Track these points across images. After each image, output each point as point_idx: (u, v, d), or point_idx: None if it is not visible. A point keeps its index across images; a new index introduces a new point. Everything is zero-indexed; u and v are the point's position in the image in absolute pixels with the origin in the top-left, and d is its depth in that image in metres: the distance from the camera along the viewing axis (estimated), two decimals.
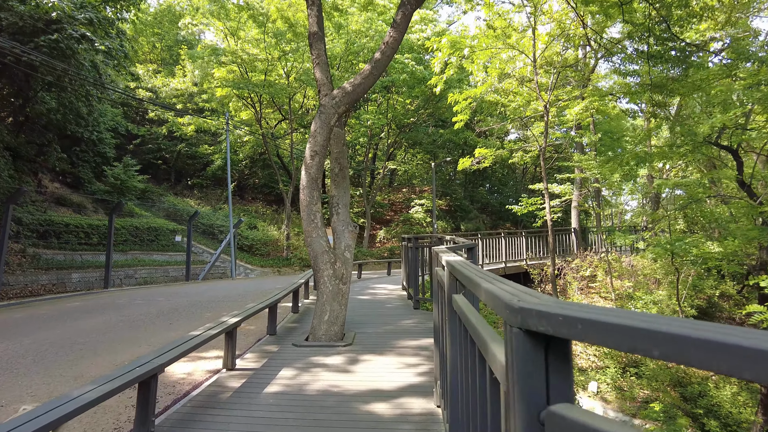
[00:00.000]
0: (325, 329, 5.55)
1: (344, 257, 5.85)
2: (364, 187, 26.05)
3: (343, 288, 5.72)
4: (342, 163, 6.41)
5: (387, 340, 5.64)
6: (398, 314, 7.30)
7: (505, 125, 17.57)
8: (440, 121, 27.97)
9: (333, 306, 5.61)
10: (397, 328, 6.27)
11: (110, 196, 17.94)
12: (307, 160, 5.77)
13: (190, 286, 13.94)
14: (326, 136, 5.79)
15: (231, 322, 4.49)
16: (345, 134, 6.82)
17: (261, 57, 18.66)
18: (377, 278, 14.56)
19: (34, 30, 9.61)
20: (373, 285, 11.89)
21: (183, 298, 10.08)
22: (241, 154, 26.08)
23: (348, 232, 6.00)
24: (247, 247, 21.78)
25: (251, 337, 6.23)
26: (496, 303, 1.09)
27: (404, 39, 21.24)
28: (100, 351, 5.47)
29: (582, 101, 14.06)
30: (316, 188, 5.82)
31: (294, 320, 7.01)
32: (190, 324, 7.16)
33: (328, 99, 5.82)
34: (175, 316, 7.86)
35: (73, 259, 13.19)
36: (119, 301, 9.59)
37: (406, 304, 8.26)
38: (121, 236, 16.02)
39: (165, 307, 8.70)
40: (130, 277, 14.20)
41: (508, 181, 35.64)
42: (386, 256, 22.27)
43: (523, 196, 14.99)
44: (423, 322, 6.58)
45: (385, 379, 4.21)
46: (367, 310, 7.68)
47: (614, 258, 17.09)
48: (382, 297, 9.45)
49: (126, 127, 24.69)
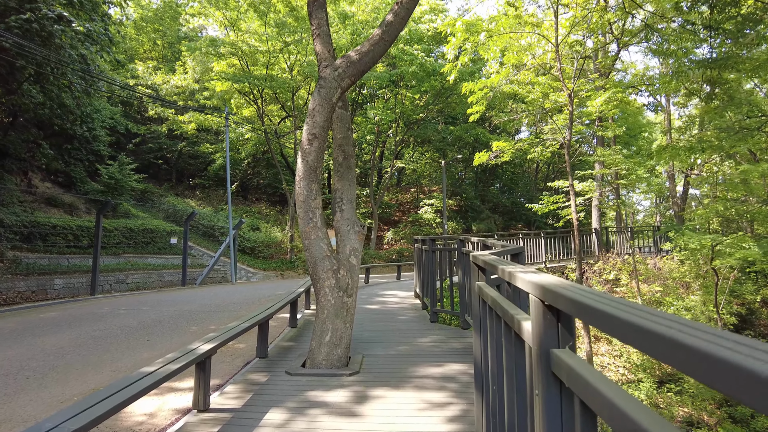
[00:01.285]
0: (325, 353, 4.50)
1: (349, 263, 4.80)
2: (371, 187, 25.00)
3: (348, 301, 4.67)
4: (347, 150, 5.37)
5: (402, 366, 4.57)
6: (413, 329, 6.23)
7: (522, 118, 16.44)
8: (450, 118, 26.88)
9: (336, 324, 4.56)
10: (414, 349, 5.20)
11: (104, 196, 17.03)
12: (304, 146, 4.72)
13: (185, 291, 12.96)
14: (327, 115, 4.74)
15: (202, 350, 3.45)
16: (350, 117, 5.77)
17: (262, 49, 17.68)
18: (386, 283, 13.49)
19: (6, 9, 8.66)
20: (383, 291, 10.83)
21: (171, 307, 9.08)
22: (243, 153, 25.14)
23: (354, 233, 4.95)
24: (249, 249, 20.81)
25: (238, 360, 5.19)
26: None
27: (413, 29, 20.22)
28: (49, 381, 4.45)
29: (604, 92, 12.92)
30: (315, 180, 4.77)
31: (291, 337, 5.96)
32: (171, 340, 6.15)
33: (330, 70, 4.77)
34: (157, 330, 6.85)
35: (59, 264, 12.26)
36: (100, 311, 8.60)
37: (421, 316, 7.19)
38: (114, 238, 15.10)
39: (148, 319, 7.70)
40: (121, 282, 13.25)
41: (519, 180, 34.44)
42: (395, 259, 21.23)
43: (544, 194, 13.85)
44: (444, 341, 5.50)
45: (404, 429, 3.15)
46: (376, 324, 6.62)
47: (639, 260, 15.93)
48: (393, 306, 8.38)
49: (126, 126, 23.86)
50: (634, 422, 0.76)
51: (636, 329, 0.74)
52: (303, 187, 4.70)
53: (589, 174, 16.21)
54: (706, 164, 14.37)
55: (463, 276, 5.97)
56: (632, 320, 0.77)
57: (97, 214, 11.99)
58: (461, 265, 6.02)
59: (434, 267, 6.75)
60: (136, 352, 5.51)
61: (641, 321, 0.74)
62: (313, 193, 4.74)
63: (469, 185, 30.91)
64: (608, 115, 14.67)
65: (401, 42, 18.83)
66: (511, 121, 20.07)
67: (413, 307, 8.12)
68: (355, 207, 5.45)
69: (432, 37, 20.74)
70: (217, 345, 3.68)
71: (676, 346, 0.62)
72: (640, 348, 0.74)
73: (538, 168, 34.57)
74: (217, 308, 8.97)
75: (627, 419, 0.78)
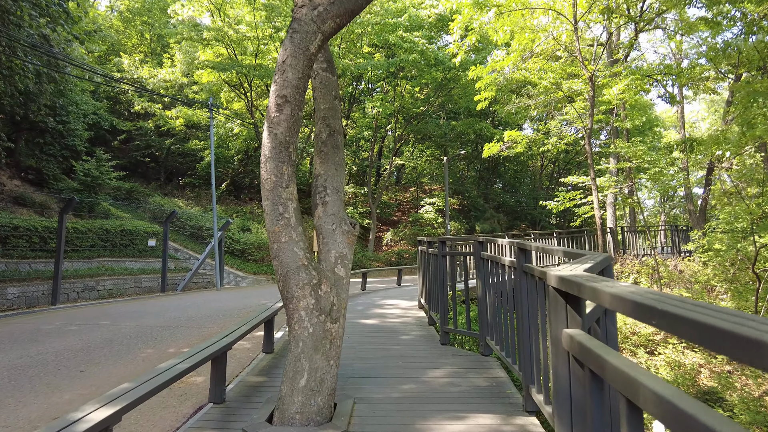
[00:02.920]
0: (300, 403, 3.18)
1: (335, 276, 3.50)
2: (369, 186, 23.69)
3: (333, 329, 3.35)
4: (333, 125, 4.08)
5: (410, 418, 3.27)
6: (420, 356, 4.92)
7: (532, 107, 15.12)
8: (452, 112, 25.60)
9: (315, 361, 3.24)
10: (423, 388, 3.88)
11: (80, 194, 15.71)
12: (272, 113, 3.41)
13: (161, 300, 11.64)
14: (303, 71, 3.43)
15: (93, 420, 2.14)
16: (338, 83, 4.47)
17: (250, 35, 16.35)
18: (386, 289, 12.19)
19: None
20: (381, 301, 9.52)
21: (134, 321, 7.76)
22: (232, 149, 23.79)
23: (342, 234, 3.65)
24: (239, 252, 19.48)
25: (188, 403, 3.88)
26: None
27: (414, 14, 18.90)
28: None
29: (624, 79, 11.65)
30: (288, 160, 3.44)
31: (263, 369, 4.64)
32: (110, 371, 4.84)
33: (307, 9, 3.46)
34: (102, 354, 5.53)
35: (17, 269, 10.91)
36: (46, 327, 7.28)
37: (429, 335, 5.88)
38: (87, 240, 13.76)
39: (98, 338, 6.38)
40: (90, 290, 11.92)
41: (522, 178, 33.18)
42: (395, 262, 19.91)
43: (560, 190, 12.55)
44: (462, 374, 4.19)
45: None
46: (373, 348, 5.30)
47: (660, 262, 14.66)
48: (394, 321, 7.07)
49: (111, 122, 22.53)
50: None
51: None
52: (270, 171, 3.38)
53: (605, 168, 14.95)
54: (737, 156, 13.16)
55: (483, 288, 4.67)
56: None
57: (60, 214, 10.68)
58: (481, 274, 4.72)
59: (445, 276, 5.44)
60: (54, 392, 4.19)
61: None
62: (285, 178, 3.42)
63: (471, 184, 29.63)
64: (629, 103, 13.42)
65: (401, 29, 17.54)
66: (519, 113, 18.77)
67: (418, 322, 6.81)
68: (344, 199, 4.17)
69: (433, 24, 19.44)
70: (122, 407, 2.36)
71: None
72: None
73: (542, 166, 33.32)
74: (188, 322, 7.65)
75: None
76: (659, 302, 0.92)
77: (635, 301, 1.03)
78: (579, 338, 1.23)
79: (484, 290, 4.66)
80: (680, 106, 21.09)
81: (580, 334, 1.26)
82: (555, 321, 1.42)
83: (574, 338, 1.24)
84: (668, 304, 0.90)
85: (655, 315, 0.93)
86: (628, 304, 0.94)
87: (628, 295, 0.93)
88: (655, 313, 0.92)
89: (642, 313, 0.95)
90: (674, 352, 10.80)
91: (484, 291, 4.66)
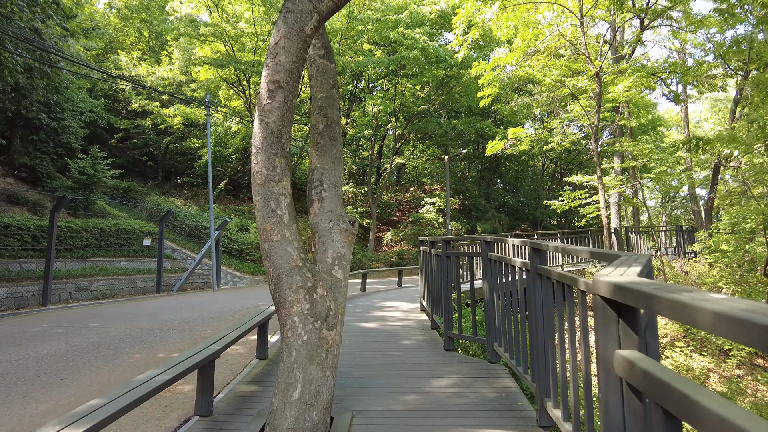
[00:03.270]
0: (293, 418, 2.89)
1: (332, 278, 3.22)
2: (369, 185, 23.40)
3: (330, 336, 3.06)
4: (330, 116, 3.80)
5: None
6: (424, 362, 4.63)
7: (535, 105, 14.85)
8: (453, 111, 25.30)
9: (309, 372, 2.96)
10: (428, 399, 3.60)
11: (75, 192, 15.43)
12: (263, 100, 3.12)
13: (155, 300, 11.35)
14: (297, 54, 3.15)
15: None
16: (336, 70, 4.18)
17: (248, 31, 16.06)
18: (386, 291, 11.90)
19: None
20: (382, 303, 9.23)
21: (124, 323, 7.47)
22: (231, 148, 23.49)
23: (339, 232, 3.36)
24: (237, 252, 19.18)
25: (173, 415, 3.60)
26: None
27: (415, 11, 18.62)
28: None
29: (629, 76, 11.38)
30: (280, 152, 3.16)
31: (256, 377, 4.35)
32: (93, 379, 4.55)
33: None
34: (87, 359, 5.25)
35: (7, 269, 10.62)
36: (32, 330, 6.99)
37: (431, 339, 5.59)
38: (81, 240, 13.47)
39: (84, 342, 6.09)
40: (83, 290, 11.62)
41: (523, 178, 32.89)
42: (395, 262, 19.62)
43: (565, 189, 12.27)
44: (469, 383, 3.90)
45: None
46: (373, 354, 5.01)
47: (666, 263, 14.38)
48: (395, 324, 6.78)
49: (108, 120, 22.23)
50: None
51: None
52: (261, 163, 3.10)
53: (609, 168, 14.67)
54: (745, 155, 12.87)
55: (491, 291, 4.38)
56: None
57: (51, 213, 10.39)
58: (488, 276, 4.44)
59: (449, 277, 5.15)
60: (30, 403, 3.90)
61: None
62: (277, 171, 3.13)
63: (472, 183, 29.34)
64: (634, 101, 13.15)
65: (402, 26, 17.25)
66: (521, 111, 18.48)
67: (420, 326, 6.52)
68: (344, 198, 3.88)
69: (435, 21, 19.16)
70: (93, 426, 2.08)
71: None
72: None
73: (544, 166, 33.03)
74: (180, 325, 7.36)
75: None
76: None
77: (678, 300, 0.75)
78: (642, 365, 0.94)
79: (491, 293, 4.37)
80: (684, 104, 20.81)
81: (643, 359, 0.97)
82: (604, 339, 1.13)
83: (635, 364, 0.96)
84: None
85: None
86: (756, 332, 0.63)
87: (750, 317, 0.63)
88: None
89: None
90: (682, 355, 10.49)
91: (492, 294, 4.37)
